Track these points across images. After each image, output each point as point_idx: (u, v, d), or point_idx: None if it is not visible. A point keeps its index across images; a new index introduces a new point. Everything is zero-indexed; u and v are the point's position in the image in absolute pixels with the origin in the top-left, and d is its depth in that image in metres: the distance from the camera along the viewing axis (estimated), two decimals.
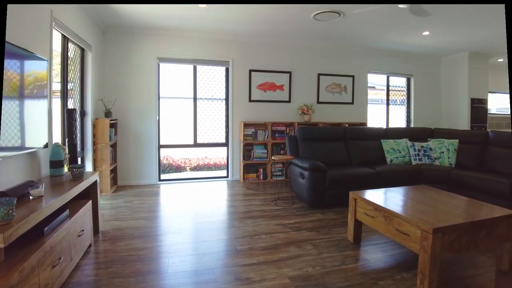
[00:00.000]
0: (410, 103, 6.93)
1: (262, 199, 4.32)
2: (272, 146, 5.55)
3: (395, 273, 2.34)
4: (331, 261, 2.52)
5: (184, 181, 5.41)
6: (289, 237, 3.01)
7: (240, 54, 5.52)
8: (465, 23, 4.63)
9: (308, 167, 3.80)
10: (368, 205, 2.66)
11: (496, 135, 4.37)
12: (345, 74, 6.20)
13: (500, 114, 8.42)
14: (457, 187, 4.04)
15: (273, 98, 5.72)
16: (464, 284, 2.22)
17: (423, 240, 2.08)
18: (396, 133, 4.98)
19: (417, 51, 6.50)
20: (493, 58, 6.98)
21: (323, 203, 3.88)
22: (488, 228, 2.27)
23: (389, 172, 4.19)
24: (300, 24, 4.73)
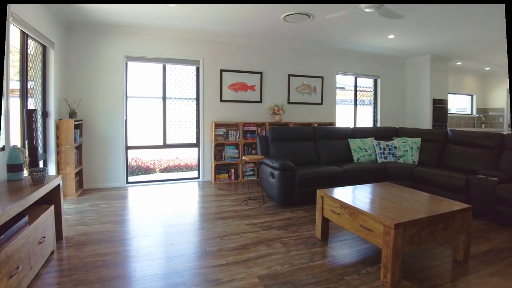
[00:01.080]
0: (377, 103, 7.20)
1: (233, 200, 4.31)
2: (243, 146, 5.56)
3: (360, 268, 2.42)
4: (300, 259, 2.56)
5: (154, 183, 5.29)
6: (259, 236, 3.03)
7: (211, 53, 5.48)
8: (427, 28, 4.88)
9: (278, 167, 3.85)
10: (334, 202, 2.73)
11: (454, 134, 4.63)
12: (315, 75, 6.33)
13: (459, 114, 8.95)
14: (419, 183, 4.26)
15: (245, 98, 5.73)
16: (424, 275, 2.33)
17: (385, 235, 2.17)
18: (363, 133, 5.16)
19: (383, 54, 6.76)
20: (452, 62, 7.40)
21: (292, 201, 3.95)
22: (446, 222, 2.41)
23: (356, 170, 4.32)
24: (271, 25, 4.77)
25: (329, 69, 6.48)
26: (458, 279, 2.29)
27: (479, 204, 3.55)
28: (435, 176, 4.05)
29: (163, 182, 5.36)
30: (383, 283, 2.19)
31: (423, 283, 2.22)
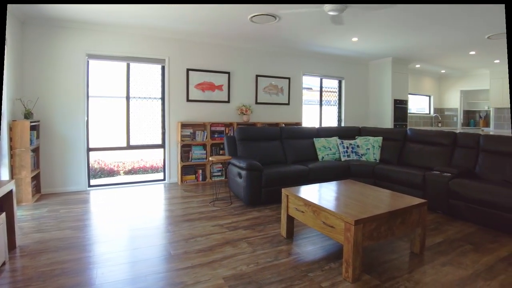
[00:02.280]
0: (341, 103, 7.42)
1: (200, 201, 4.26)
2: (211, 147, 5.51)
3: (323, 264, 2.48)
4: (265, 258, 2.58)
5: (118, 186, 5.11)
6: (225, 237, 3.02)
7: (177, 52, 5.38)
8: (388, 33, 5.09)
9: (245, 167, 3.86)
10: (298, 201, 2.78)
11: (413, 133, 4.88)
12: (282, 76, 6.41)
13: (418, 114, 9.44)
14: (380, 180, 4.45)
15: (212, 98, 5.68)
16: (383, 268, 2.44)
17: (346, 232, 2.24)
18: (327, 132, 5.31)
19: (348, 56, 6.98)
20: (412, 64, 7.80)
21: (260, 201, 3.98)
22: (403, 216, 2.53)
23: (320, 169, 4.43)
24: (238, 25, 4.76)
25: (296, 70, 6.59)
26: (414, 270, 2.42)
27: (435, 198, 3.77)
28: (395, 173, 4.26)
29: (128, 185, 5.19)
30: (345, 278, 2.26)
31: (383, 276, 2.32)
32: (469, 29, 4.76)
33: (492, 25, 4.54)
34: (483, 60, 7.20)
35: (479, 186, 3.38)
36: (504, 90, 7.91)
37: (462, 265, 2.51)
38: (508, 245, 2.93)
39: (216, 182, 5.38)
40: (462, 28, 4.74)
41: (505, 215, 3.15)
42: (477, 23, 4.49)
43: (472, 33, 5.00)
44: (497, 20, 4.32)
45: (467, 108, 9.70)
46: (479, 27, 4.65)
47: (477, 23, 4.49)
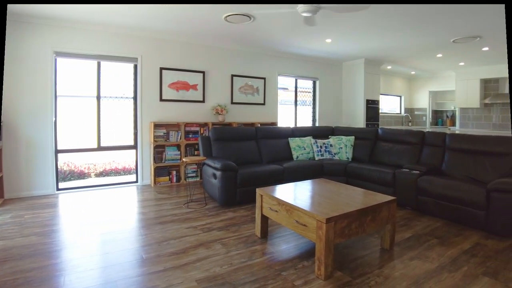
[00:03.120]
0: (316, 103, 7.54)
1: (173, 203, 4.18)
2: (185, 147, 5.42)
3: (297, 263, 2.50)
4: (239, 258, 2.57)
5: (88, 189, 4.92)
6: (199, 239, 2.97)
7: (150, 51, 5.26)
8: (360, 34, 5.21)
9: (220, 167, 3.83)
10: (272, 200, 2.79)
11: (383, 132, 5.03)
12: (258, 76, 6.42)
13: (389, 113, 9.75)
14: (353, 178, 4.55)
15: (187, 97, 5.60)
16: (355, 265, 2.49)
17: (318, 230, 2.27)
18: (302, 132, 5.38)
19: (322, 56, 7.09)
20: (383, 65, 8.05)
21: (235, 201, 3.96)
22: (373, 213, 2.59)
23: (295, 168, 4.47)
24: (213, 25, 4.72)
25: (271, 70, 6.62)
26: (385, 266, 2.49)
27: (404, 195, 3.91)
28: (366, 171, 4.37)
29: (99, 187, 5.01)
30: (318, 276, 2.29)
31: (354, 272, 2.37)
32: (436, 33, 4.96)
33: (456, 29, 4.75)
34: (449, 63, 7.54)
35: (445, 183, 3.53)
36: (468, 91, 8.33)
37: (429, 259, 2.61)
38: (471, 238, 3.08)
39: (191, 183, 5.30)
40: (430, 32, 4.94)
41: (468, 210, 3.30)
42: (443, 27, 4.69)
43: (438, 37, 5.22)
44: (461, 25, 4.53)
45: (435, 108, 10.13)
46: (445, 31, 4.86)
47: (443, 27, 4.69)
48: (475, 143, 3.92)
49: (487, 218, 3.18)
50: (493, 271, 2.44)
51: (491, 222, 3.14)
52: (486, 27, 4.64)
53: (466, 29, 4.75)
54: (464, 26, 4.58)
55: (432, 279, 2.29)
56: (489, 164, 3.72)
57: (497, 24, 4.46)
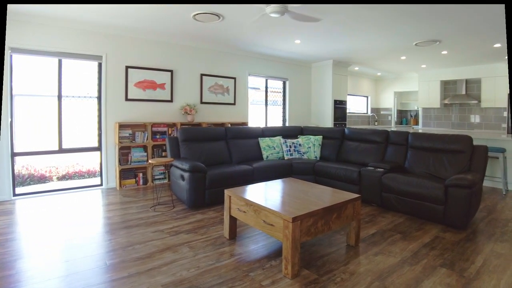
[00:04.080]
0: (286, 103, 7.61)
1: (140, 206, 4.04)
2: (152, 148, 5.26)
3: (265, 263, 2.50)
4: (206, 261, 2.52)
5: (49, 193, 4.65)
6: (166, 242, 2.89)
7: (116, 49, 5.06)
8: (328, 36, 5.31)
9: (188, 168, 3.75)
10: (240, 201, 2.77)
11: (350, 131, 5.17)
12: (228, 76, 6.37)
13: (357, 113, 10.04)
14: (321, 176, 4.64)
15: (154, 97, 5.44)
16: (322, 262, 2.52)
17: (285, 229, 2.27)
18: (271, 132, 5.41)
19: (291, 57, 7.17)
20: (351, 67, 8.27)
21: (204, 203, 3.89)
22: (339, 211, 2.64)
23: (264, 168, 4.49)
24: (181, 23, 4.61)
25: (241, 70, 6.60)
26: (350, 262, 2.54)
27: (369, 192, 4.03)
28: (333, 170, 4.47)
29: (61, 192, 4.75)
30: (285, 275, 2.29)
31: (321, 270, 2.40)
32: (399, 36, 5.16)
33: (418, 33, 4.96)
34: (412, 65, 7.89)
35: (407, 180, 3.68)
36: (429, 92, 8.76)
37: (392, 253, 2.70)
38: (431, 232, 3.23)
39: (158, 185, 5.16)
40: (394, 35, 5.13)
41: (428, 205, 3.46)
42: (406, 31, 4.88)
43: (402, 40, 5.44)
44: (422, 29, 4.73)
45: (400, 107, 10.57)
46: (407, 34, 5.06)
47: (406, 31, 4.88)
48: (434, 142, 4.11)
49: (445, 212, 3.34)
50: (449, 262, 2.56)
51: (449, 216, 3.31)
52: (445, 32, 4.89)
53: (427, 33, 4.98)
54: (425, 30, 4.79)
55: (395, 273, 2.36)
56: (447, 161, 3.92)
57: (455, 29, 4.71)
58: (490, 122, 7.91)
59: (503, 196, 4.79)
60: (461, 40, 5.33)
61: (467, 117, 8.34)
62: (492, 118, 7.88)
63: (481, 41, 5.42)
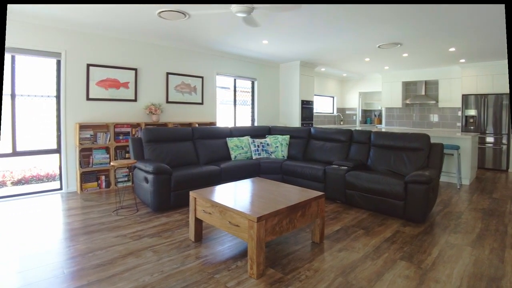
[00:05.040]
0: (254, 103, 7.64)
1: (102, 210, 3.87)
2: (115, 150, 5.06)
3: (230, 264, 2.48)
4: (171, 265, 2.46)
5: (3, 199, 4.32)
6: (128, 247, 2.79)
7: (76, 45, 4.80)
8: (295, 37, 5.37)
9: (152, 170, 3.63)
10: (206, 202, 2.73)
11: (316, 131, 5.28)
12: (195, 75, 6.27)
13: (323, 113, 10.28)
14: (288, 175, 4.70)
15: (117, 96, 5.24)
16: (287, 260, 2.55)
17: (250, 229, 2.27)
18: (240, 132, 5.40)
19: (260, 57, 7.19)
20: (318, 68, 8.45)
21: (169, 205, 3.80)
22: (303, 209, 2.68)
23: (232, 168, 4.46)
24: (145, 20, 4.47)
25: (209, 69, 6.52)
26: (315, 259, 2.59)
27: (334, 189, 4.13)
28: (300, 168, 4.54)
29: (17, 197, 4.43)
30: (250, 275, 2.29)
31: (286, 268, 2.42)
32: (363, 38, 5.33)
33: (381, 35, 5.15)
34: (376, 66, 8.19)
35: (369, 177, 3.81)
36: (392, 92, 9.14)
37: (355, 249, 2.78)
38: (392, 226, 3.37)
39: (122, 188, 4.97)
40: (358, 37, 5.29)
41: (390, 200, 3.61)
42: (370, 33, 5.04)
43: (366, 42, 5.62)
44: (385, 32, 4.91)
45: (364, 107, 10.95)
46: (371, 37, 5.24)
47: (370, 33, 5.04)
48: (395, 140, 4.30)
49: (405, 207, 3.50)
50: (408, 255, 2.69)
51: (408, 210, 3.47)
52: (405, 36, 5.11)
53: (389, 36, 5.19)
54: (387, 33, 4.98)
55: (357, 268, 2.44)
56: (407, 158, 4.11)
57: (414, 33, 4.94)
58: (447, 121, 8.40)
59: (457, 190, 5.10)
60: (420, 43, 5.61)
61: (426, 116, 8.79)
62: (449, 118, 8.37)
63: (437, 45, 5.73)
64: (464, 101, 7.49)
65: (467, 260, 2.61)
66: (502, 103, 6.95)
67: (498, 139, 7.05)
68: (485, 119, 7.19)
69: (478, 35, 4.98)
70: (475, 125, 7.33)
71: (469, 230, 3.31)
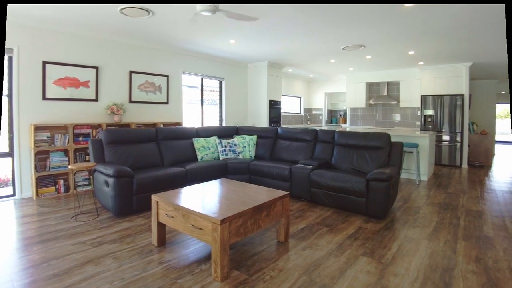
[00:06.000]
0: (222, 103, 7.58)
1: (59, 217, 3.65)
2: (74, 152, 4.80)
3: (194, 268, 2.44)
4: (132, 271, 2.37)
5: None
6: (87, 255, 2.66)
7: (31, 41, 4.49)
8: (262, 38, 5.38)
9: (113, 173, 3.48)
10: (168, 206, 2.66)
11: (283, 131, 5.33)
12: (160, 74, 6.11)
13: (291, 113, 10.43)
14: (255, 175, 4.71)
15: (76, 96, 4.97)
16: (252, 261, 2.54)
17: (213, 232, 2.24)
18: (206, 132, 5.34)
19: (227, 57, 7.15)
20: (285, 68, 8.55)
21: (131, 210, 3.66)
22: (268, 209, 2.69)
23: (198, 169, 4.39)
24: (107, 16, 4.26)
25: (175, 68, 6.38)
26: (279, 258, 2.61)
27: (300, 188, 4.20)
28: (267, 168, 4.57)
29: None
30: (214, 278, 2.26)
31: (251, 269, 2.42)
32: (329, 40, 5.45)
33: (346, 38, 5.29)
34: (341, 67, 8.42)
35: (333, 175, 3.91)
36: (356, 93, 9.45)
37: (319, 247, 2.84)
38: (355, 223, 3.48)
39: (82, 193, 4.73)
40: (324, 39, 5.39)
41: (352, 198, 3.73)
42: (335, 35, 5.15)
43: (331, 44, 5.75)
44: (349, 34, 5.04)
45: (330, 107, 11.26)
46: (336, 38, 5.37)
47: (335, 35, 5.15)
48: (357, 139, 4.44)
49: (367, 204, 3.63)
50: (370, 250, 2.78)
51: (370, 207, 3.60)
52: (368, 38, 5.29)
53: (353, 39, 5.34)
54: (352, 35, 5.12)
55: (321, 266, 2.49)
56: (369, 156, 4.26)
57: (376, 36, 5.12)
58: (408, 120, 8.82)
59: (416, 186, 5.37)
60: (382, 46, 5.83)
61: (389, 116, 9.18)
62: (409, 117, 8.79)
63: (398, 48, 5.99)
64: (423, 102, 7.90)
65: (424, 253, 2.74)
66: (456, 103, 7.41)
67: (453, 137, 7.51)
68: (441, 119, 7.63)
69: (435, 39, 5.26)
70: (433, 124, 7.76)
71: (426, 224, 3.49)
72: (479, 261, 2.60)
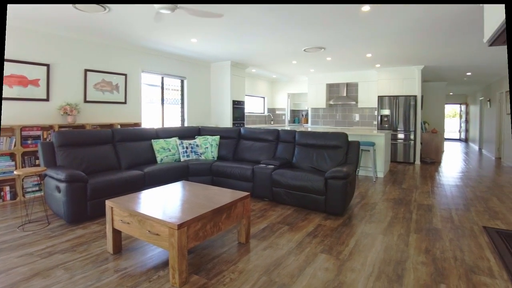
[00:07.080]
0: (184, 103, 7.44)
1: (4, 227, 3.36)
2: (22, 156, 4.47)
3: (152, 275, 2.37)
4: (85, 282, 2.25)
5: None
6: (35, 267, 2.48)
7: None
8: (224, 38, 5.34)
9: (64, 178, 3.28)
10: (123, 212, 2.56)
11: (245, 131, 5.35)
12: (117, 72, 5.86)
13: (255, 113, 10.49)
14: (218, 176, 4.68)
15: (24, 95, 4.62)
16: (212, 265, 2.52)
17: (170, 237, 2.19)
18: (167, 133, 5.20)
19: (189, 56, 7.01)
20: (248, 69, 8.57)
21: (85, 216, 3.47)
22: (228, 211, 2.68)
23: (157, 172, 4.28)
24: (58, 11, 3.99)
25: (133, 66, 6.15)
26: (240, 260, 2.61)
27: (262, 188, 4.24)
28: (229, 169, 4.56)
29: None
30: (173, 284, 2.21)
31: (211, 273, 2.40)
32: (290, 41, 5.53)
33: (307, 39, 5.40)
34: (302, 69, 8.61)
35: (293, 174, 3.99)
36: (317, 94, 9.71)
37: (279, 246, 2.88)
38: (314, 221, 3.57)
39: (32, 199, 4.40)
40: (285, 40, 5.47)
41: (312, 196, 3.83)
42: (296, 37, 5.24)
43: (292, 45, 5.85)
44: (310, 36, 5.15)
45: (293, 108, 11.47)
46: (297, 40, 5.46)
47: (296, 37, 5.24)
48: (317, 139, 4.56)
49: (326, 201, 3.74)
50: (328, 247, 2.87)
51: (329, 204, 3.72)
52: (328, 40, 5.45)
53: (314, 40, 5.47)
54: (312, 37, 5.24)
55: (281, 265, 2.52)
56: (328, 155, 4.39)
57: (336, 38, 5.29)
58: (366, 120, 9.22)
59: (373, 183, 5.62)
60: (342, 48, 6.04)
61: (348, 116, 9.53)
62: (367, 117, 9.19)
63: (356, 51, 6.24)
64: (380, 102, 8.30)
65: (379, 247, 2.88)
66: (410, 103, 7.88)
67: (407, 135, 7.97)
68: (397, 118, 8.06)
69: (390, 43, 5.54)
70: (389, 123, 8.17)
71: (382, 219, 3.67)
72: (428, 252, 2.78)
